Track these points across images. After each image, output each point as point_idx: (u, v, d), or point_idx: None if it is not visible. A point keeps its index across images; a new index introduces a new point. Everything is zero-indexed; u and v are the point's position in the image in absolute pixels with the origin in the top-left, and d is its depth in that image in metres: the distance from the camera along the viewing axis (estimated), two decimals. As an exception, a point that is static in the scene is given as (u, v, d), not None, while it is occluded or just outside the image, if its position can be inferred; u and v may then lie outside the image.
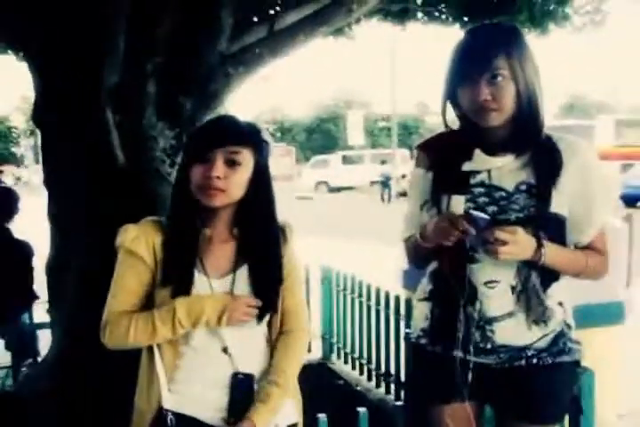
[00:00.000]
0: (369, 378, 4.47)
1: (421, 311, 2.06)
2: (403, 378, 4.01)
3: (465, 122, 1.96)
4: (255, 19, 3.86)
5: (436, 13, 6.08)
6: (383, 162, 26.88)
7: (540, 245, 1.82)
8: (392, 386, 4.17)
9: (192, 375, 1.87)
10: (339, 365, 4.88)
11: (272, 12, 4.04)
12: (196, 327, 1.84)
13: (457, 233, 1.80)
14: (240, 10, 3.27)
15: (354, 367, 4.68)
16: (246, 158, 1.84)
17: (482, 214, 1.80)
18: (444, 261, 1.96)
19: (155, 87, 3.17)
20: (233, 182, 1.82)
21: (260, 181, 1.88)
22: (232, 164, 1.82)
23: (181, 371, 1.87)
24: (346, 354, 4.80)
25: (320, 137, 52.18)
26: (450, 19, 5.85)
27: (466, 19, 5.52)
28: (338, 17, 3.33)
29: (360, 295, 4.53)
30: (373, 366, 4.39)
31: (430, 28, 6.44)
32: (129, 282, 1.86)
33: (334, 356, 4.98)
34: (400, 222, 2.13)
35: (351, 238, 12.69)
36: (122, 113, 3.13)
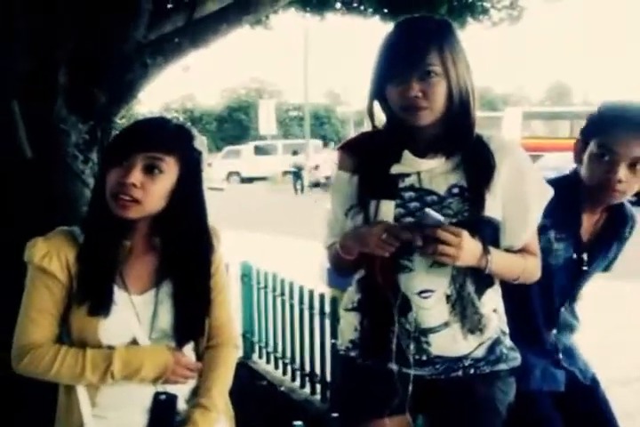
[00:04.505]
0: (292, 378, 4.36)
1: (349, 322, 1.91)
2: (328, 378, 3.92)
3: (393, 121, 1.83)
4: (170, 5, 3.67)
5: (355, 4, 6.02)
6: (295, 152, 26.75)
7: (485, 252, 1.73)
8: (317, 386, 4.08)
9: (116, 398, 1.71)
10: (260, 364, 4.75)
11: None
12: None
13: (397, 244, 1.68)
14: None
15: (277, 367, 4.56)
16: (169, 167, 1.67)
17: (437, 214, 1.65)
18: (372, 269, 1.81)
19: (66, 76, 2.93)
20: (150, 192, 1.64)
21: (185, 193, 1.71)
22: (152, 171, 1.64)
23: (104, 394, 1.70)
24: (268, 353, 4.67)
25: (231, 126, 51.55)
26: (369, 10, 5.79)
27: (386, 11, 5.46)
28: (264, 6, 3.18)
29: (282, 294, 4.41)
30: (297, 365, 4.29)
31: (348, 18, 6.38)
32: (45, 304, 1.68)
33: (255, 355, 4.85)
34: (316, 215, 1.99)
35: (267, 231, 12.52)
36: (29, 104, 2.88)
